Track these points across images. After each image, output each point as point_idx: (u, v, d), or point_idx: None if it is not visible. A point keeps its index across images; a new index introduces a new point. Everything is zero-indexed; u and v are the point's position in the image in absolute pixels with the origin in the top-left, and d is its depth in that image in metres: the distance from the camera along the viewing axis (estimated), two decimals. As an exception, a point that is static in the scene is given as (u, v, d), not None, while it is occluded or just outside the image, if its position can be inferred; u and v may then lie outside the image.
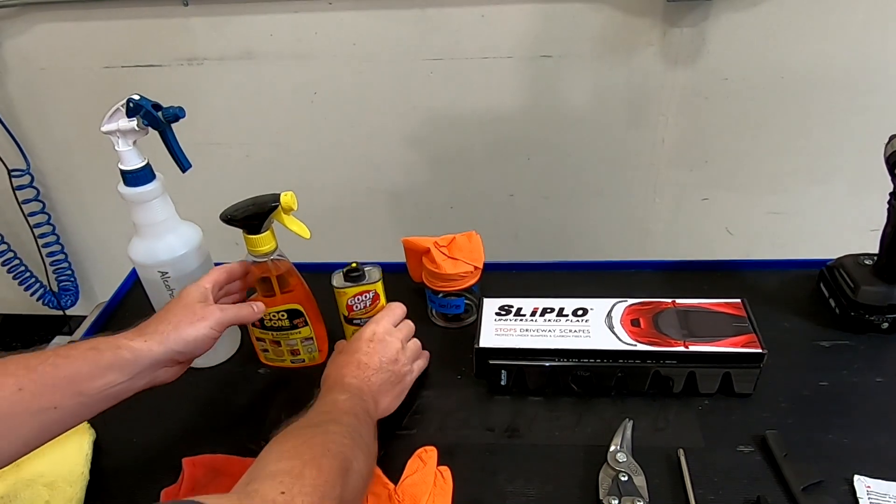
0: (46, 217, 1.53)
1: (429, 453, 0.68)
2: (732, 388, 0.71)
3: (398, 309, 0.73)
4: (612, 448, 0.65)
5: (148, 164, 0.70)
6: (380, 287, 0.74)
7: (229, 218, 0.68)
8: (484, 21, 1.16)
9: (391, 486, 0.65)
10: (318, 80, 1.28)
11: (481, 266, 0.80)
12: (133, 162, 0.69)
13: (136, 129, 0.67)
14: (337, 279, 0.74)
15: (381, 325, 0.70)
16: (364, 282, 0.74)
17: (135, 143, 0.69)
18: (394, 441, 0.70)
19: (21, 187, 1.47)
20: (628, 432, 0.67)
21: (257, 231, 0.68)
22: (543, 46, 1.18)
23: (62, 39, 1.29)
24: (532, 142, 1.31)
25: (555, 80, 1.22)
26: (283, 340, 0.77)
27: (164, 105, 0.68)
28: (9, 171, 1.44)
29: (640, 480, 0.62)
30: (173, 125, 0.70)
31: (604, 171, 1.33)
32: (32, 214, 1.51)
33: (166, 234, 0.73)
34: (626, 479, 0.62)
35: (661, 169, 1.32)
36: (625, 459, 0.64)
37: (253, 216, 0.68)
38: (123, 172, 0.69)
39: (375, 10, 1.17)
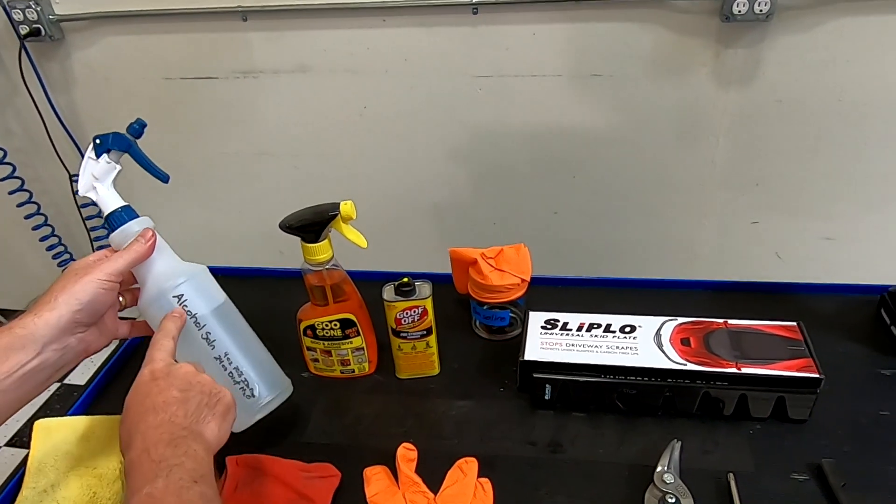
0: (103, 221, 1.59)
1: (469, 464, 0.68)
2: (786, 413, 0.68)
3: (172, 329, 0.61)
4: (658, 468, 0.64)
5: (128, 204, 0.67)
6: (429, 303, 0.75)
7: (289, 226, 0.69)
8: (535, 39, 1.17)
9: (430, 495, 0.65)
10: (369, 94, 1.30)
11: (528, 279, 0.80)
12: (117, 202, 0.66)
13: (108, 162, 0.66)
14: (388, 292, 0.75)
15: (157, 363, 0.57)
16: (414, 297, 0.74)
17: (113, 183, 0.67)
18: (434, 450, 0.69)
19: (80, 192, 1.53)
20: (676, 453, 0.65)
21: (315, 239, 0.69)
22: (594, 65, 1.18)
23: (126, 51, 1.34)
24: (578, 160, 1.31)
25: (604, 99, 1.22)
26: (335, 350, 0.78)
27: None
28: (70, 177, 1.50)
29: (687, 503, 0.60)
30: (139, 142, 0.69)
31: (651, 192, 1.32)
32: (89, 218, 1.57)
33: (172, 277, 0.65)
34: (673, 500, 0.60)
35: (711, 190, 1.30)
36: (672, 481, 0.62)
37: (312, 224, 0.69)
38: (110, 216, 0.66)
39: (428, 26, 1.19)
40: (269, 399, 0.68)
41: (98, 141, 0.65)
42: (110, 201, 0.66)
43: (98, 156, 0.66)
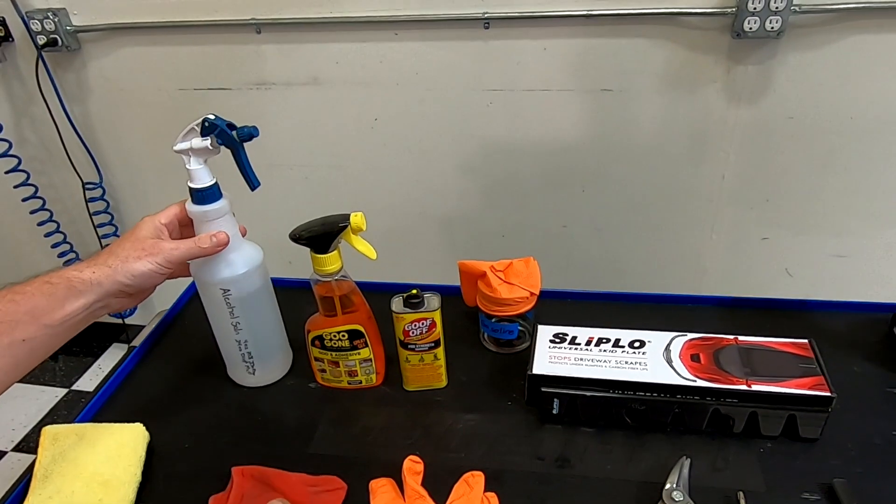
0: (114, 229, 1.60)
1: (476, 478, 0.67)
2: (797, 431, 0.68)
3: None
4: (667, 486, 0.63)
5: (216, 182, 0.70)
6: (437, 315, 0.74)
7: (299, 237, 0.70)
8: (546, 54, 1.18)
9: (437, 508, 0.64)
10: (380, 106, 1.31)
11: (537, 292, 0.80)
12: (204, 180, 0.68)
13: (210, 147, 0.67)
14: (396, 304, 0.75)
15: None
16: (423, 309, 0.74)
17: (205, 161, 0.69)
18: (441, 463, 0.69)
19: (93, 199, 1.54)
20: (685, 470, 0.64)
21: (325, 250, 0.70)
22: (604, 80, 1.19)
23: (142, 62, 1.36)
24: (588, 173, 1.31)
25: (614, 113, 1.22)
26: (342, 361, 0.78)
27: (238, 125, 0.69)
28: (83, 184, 1.52)
29: (697, 521, 0.60)
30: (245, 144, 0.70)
31: (660, 206, 1.32)
32: (101, 226, 1.59)
33: (229, 253, 0.73)
34: (682, 518, 0.59)
35: (720, 205, 1.30)
36: (681, 499, 0.61)
37: (322, 235, 0.69)
38: (193, 190, 0.69)
39: (439, 41, 1.20)
40: (263, 380, 0.82)
41: (207, 124, 0.67)
42: (199, 176, 0.68)
43: (203, 134, 0.67)
